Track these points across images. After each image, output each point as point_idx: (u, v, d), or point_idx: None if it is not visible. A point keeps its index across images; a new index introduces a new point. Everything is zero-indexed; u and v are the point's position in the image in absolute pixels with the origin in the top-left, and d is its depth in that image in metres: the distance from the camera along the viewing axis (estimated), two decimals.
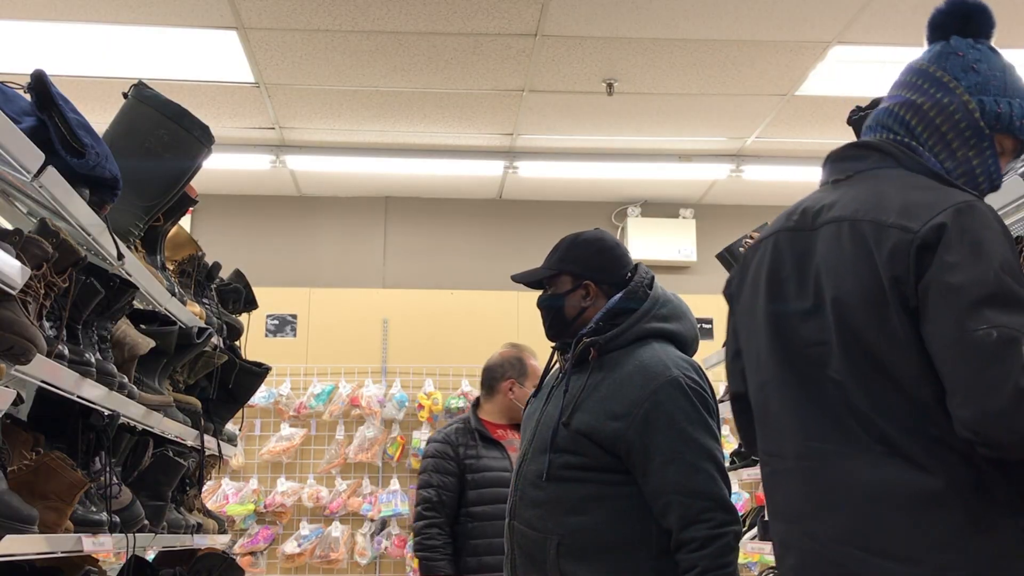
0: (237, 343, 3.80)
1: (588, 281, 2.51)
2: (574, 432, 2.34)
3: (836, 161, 1.88)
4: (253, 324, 4.25)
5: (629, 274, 2.53)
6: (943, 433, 1.57)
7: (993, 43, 1.90)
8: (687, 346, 2.51)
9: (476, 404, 4.09)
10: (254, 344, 4.65)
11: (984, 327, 1.50)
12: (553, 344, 2.63)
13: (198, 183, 3.14)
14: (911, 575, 1.56)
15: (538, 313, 2.59)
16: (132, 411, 2.67)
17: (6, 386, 1.96)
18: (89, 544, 2.36)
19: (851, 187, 1.79)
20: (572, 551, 2.29)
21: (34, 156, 2.02)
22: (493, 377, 4.04)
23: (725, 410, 4.83)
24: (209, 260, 3.64)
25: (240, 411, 3.82)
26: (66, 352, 2.27)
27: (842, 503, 1.65)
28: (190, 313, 3.23)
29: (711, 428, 2.32)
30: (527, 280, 2.60)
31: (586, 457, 2.33)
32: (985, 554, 1.54)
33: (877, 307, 1.63)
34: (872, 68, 4.91)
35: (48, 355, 2.11)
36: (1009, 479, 1.56)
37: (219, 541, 3.67)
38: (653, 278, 2.55)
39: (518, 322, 6.53)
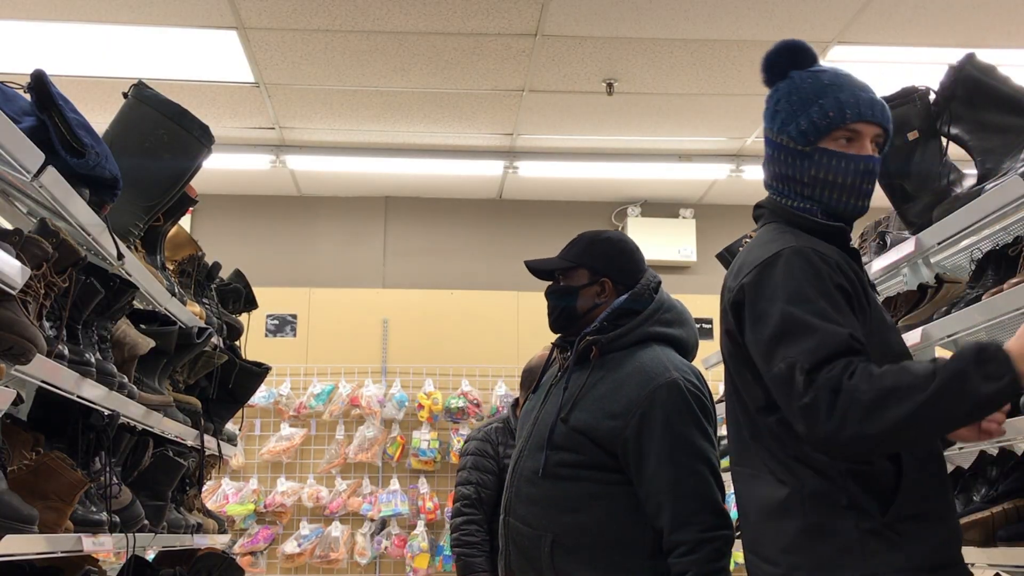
0: (237, 343, 3.80)
1: (605, 279, 2.52)
2: (572, 429, 2.35)
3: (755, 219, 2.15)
4: (253, 324, 4.25)
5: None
6: (798, 452, 1.81)
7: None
8: (688, 352, 2.53)
9: (515, 404, 4.13)
10: (254, 344, 4.65)
11: (779, 364, 1.75)
12: (552, 342, 2.64)
13: (198, 183, 3.14)
14: (774, 575, 1.82)
15: (538, 314, 2.59)
16: (132, 411, 2.67)
17: (6, 386, 1.96)
18: (89, 544, 2.36)
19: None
20: (567, 549, 2.29)
21: (34, 156, 2.02)
22: (533, 378, 4.05)
23: (723, 410, 4.81)
24: (209, 260, 3.64)
25: (240, 411, 3.82)
26: (66, 352, 2.27)
27: (746, 515, 1.93)
28: (190, 313, 3.23)
29: (707, 432, 2.32)
30: (541, 267, 2.57)
31: (583, 455, 2.33)
32: (824, 555, 1.76)
33: (731, 355, 1.95)
34: (872, 68, 4.91)
35: (48, 355, 2.11)
36: (860, 485, 1.77)
37: (219, 541, 3.67)
38: (660, 282, 2.57)
39: (518, 322, 6.53)
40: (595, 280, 2.52)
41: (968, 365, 1.62)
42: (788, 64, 2.03)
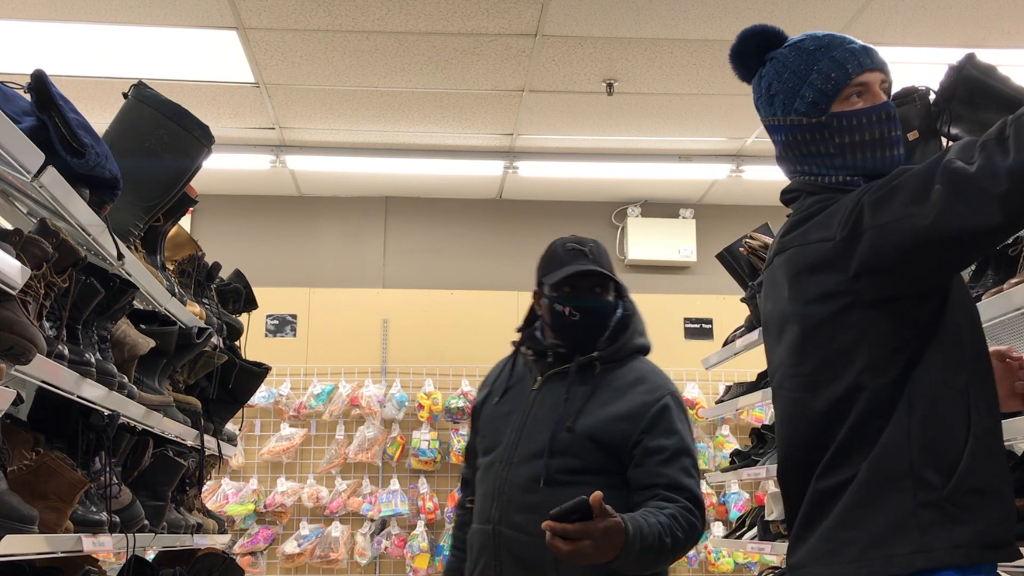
0: (237, 343, 3.80)
1: (618, 295, 2.51)
2: (578, 435, 2.36)
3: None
4: (253, 324, 4.25)
5: None
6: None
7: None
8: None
9: None
10: (254, 344, 4.65)
11: (935, 183, 1.63)
12: (517, 343, 2.62)
13: (198, 183, 3.14)
14: (823, 551, 1.74)
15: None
16: (132, 411, 2.67)
17: (6, 386, 1.96)
18: (89, 544, 2.36)
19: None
20: None
21: (34, 156, 2.02)
22: None
23: (720, 410, 4.79)
24: (209, 260, 3.64)
25: (240, 411, 3.82)
26: (66, 352, 2.27)
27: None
28: (190, 313, 3.23)
29: (692, 434, 2.46)
30: (599, 276, 2.45)
31: (584, 460, 2.35)
32: (878, 530, 1.67)
33: (828, 300, 1.80)
34: None
35: (48, 355, 2.11)
36: (925, 454, 1.69)
37: (219, 541, 3.67)
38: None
39: (518, 322, 6.51)
40: (617, 297, 2.52)
41: None
42: (758, 50, 2.00)
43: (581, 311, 2.45)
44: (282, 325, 6.53)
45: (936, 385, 1.69)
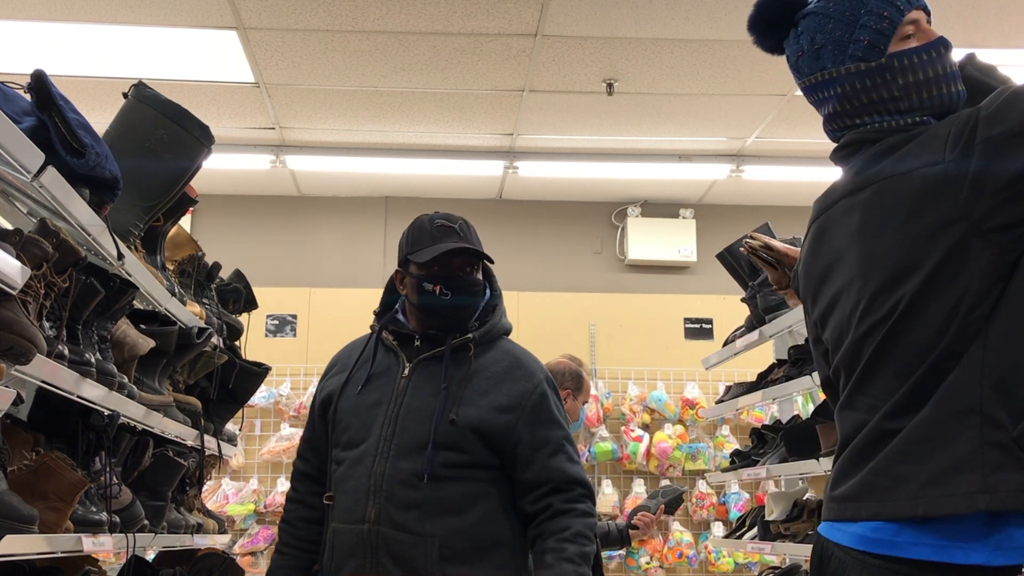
0: (237, 343, 3.80)
1: (485, 275, 2.47)
2: (462, 428, 2.29)
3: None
4: (253, 324, 4.25)
5: None
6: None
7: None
8: None
9: None
10: (254, 344, 4.65)
11: None
12: (376, 327, 2.52)
13: (198, 183, 3.14)
14: (880, 487, 1.65)
15: (538, 314, 2.59)
16: (132, 411, 2.67)
17: (6, 386, 1.96)
18: (89, 544, 2.36)
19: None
20: (455, 552, 2.24)
21: (34, 156, 2.02)
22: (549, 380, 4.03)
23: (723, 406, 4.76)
24: (209, 260, 3.64)
25: (240, 411, 3.81)
26: (66, 352, 2.27)
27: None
28: (190, 313, 3.23)
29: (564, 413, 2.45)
30: (474, 254, 2.40)
31: (469, 454, 2.29)
32: (939, 465, 1.58)
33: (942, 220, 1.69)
34: None
35: (48, 355, 2.11)
36: (995, 391, 1.60)
37: (219, 541, 3.67)
38: None
39: (518, 322, 6.50)
40: (486, 276, 2.48)
41: None
42: (784, 10, 1.91)
43: (453, 290, 2.37)
44: (282, 325, 6.53)
45: (1015, 327, 1.60)
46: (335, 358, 2.61)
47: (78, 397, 2.32)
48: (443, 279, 2.37)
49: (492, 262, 2.44)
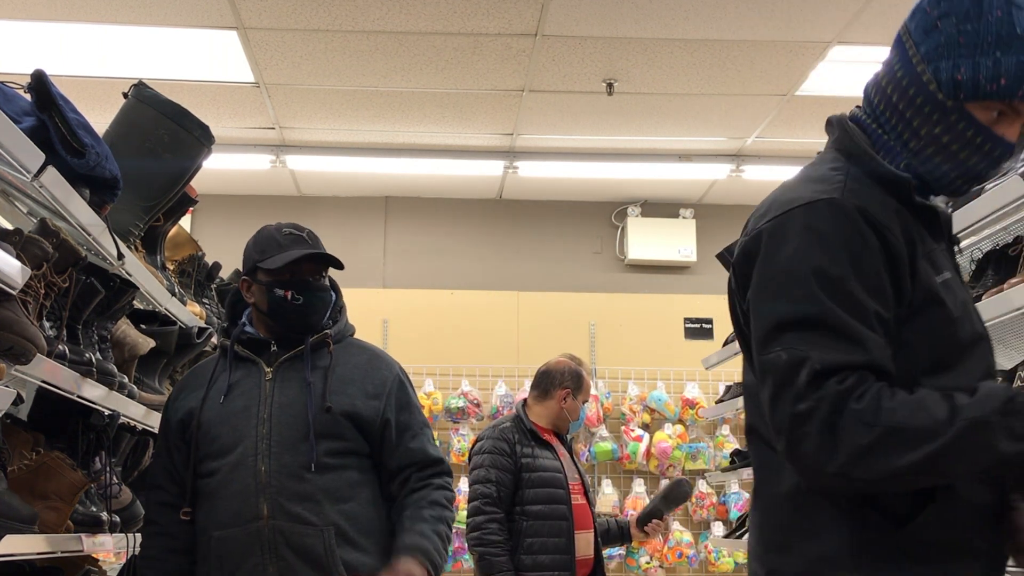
0: None
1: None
2: (338, 415, 2.38)
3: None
4: None
5: None
6: None
7: None
8: None
9: (524, 404, 4.08)
10: None
11: (780, 352, 1.40)
12: (224, 342, 2.54)
13: (198, 183, 3.14)
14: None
15: (538, 314, 2.62)
16: (132, 411, 2.67)
17: (6, 386, 1.96)
18: (89, 544, 2.36)
19: None
20: (349, 539, 2.33)
21: (34, 156, 2.02)
22: (551, 382, 4.04)
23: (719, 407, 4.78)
24: (209, 260, 3.64)
25: None
26: (66, 352, 2.27)
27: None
28: (190, 313, 3.24)
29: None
30: (327, 259, 2.48)
31: (346, 441, 2.40)
32: (811, 557, 1.45)
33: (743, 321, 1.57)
34: (872, 68, 4.90)
35: (48, 355, 2.11)
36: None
37: None
38: None
39: (518, 322, 6.53)
40: (328, 279, 2.56)
41: (993, 415, 1.33)
42: None
43: (304, 295, 2.44)
44: None
45: None
46: (181, 383, 2.63)
47: (78, 397, 2.32)
48: (294, 284, 2.44)
49: (342, 267, 2.51)
